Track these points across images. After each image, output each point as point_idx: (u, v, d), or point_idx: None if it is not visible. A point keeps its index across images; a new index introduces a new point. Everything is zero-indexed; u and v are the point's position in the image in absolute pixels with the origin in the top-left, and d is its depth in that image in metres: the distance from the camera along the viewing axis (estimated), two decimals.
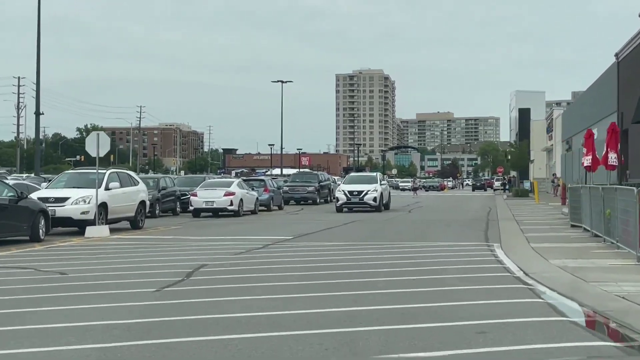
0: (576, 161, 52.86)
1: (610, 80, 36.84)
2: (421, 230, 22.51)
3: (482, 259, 13.92)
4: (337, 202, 36.05)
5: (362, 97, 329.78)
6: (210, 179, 39.91)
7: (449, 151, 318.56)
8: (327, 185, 49.72)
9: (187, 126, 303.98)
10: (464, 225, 24.65)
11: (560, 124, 65.49)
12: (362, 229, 23.75)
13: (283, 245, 17.71)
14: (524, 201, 49.52)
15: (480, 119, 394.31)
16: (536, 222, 25.49)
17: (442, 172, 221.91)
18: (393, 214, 32.90)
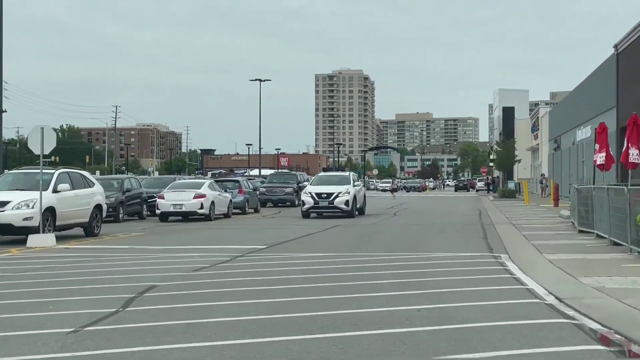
0: (565, 160, 50.78)
1: (607, 73, 34.61)
2: (413, 237, 19.97)
3: (496, 277, 11.38)
4: (303, 207, 31.19)
5: (342, 97, 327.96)
6: (181, 179, 37.21)
7: (428, 152, 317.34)
8: (306, 186, 47.17)
9: (165, 127, 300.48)
10: (459, 231, 22.16)
11: (547, 123, 63.39)
12: (346, 236, 21.20)
13: (254, 257, 15.10)
14: (512, 202, 47.25)
15: (459, 120, 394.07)
16: (536, 227, 23.08)
17: (423, 172, 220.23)
18: (378, 218, 30.36)
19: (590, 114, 39.93)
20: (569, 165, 49.00)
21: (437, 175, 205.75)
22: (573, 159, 46.84)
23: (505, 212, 33.88)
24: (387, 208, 40.69)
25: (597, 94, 37.49)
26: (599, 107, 37.04)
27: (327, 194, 30.63)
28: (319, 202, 30.62)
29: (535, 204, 43.00)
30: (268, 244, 17.99)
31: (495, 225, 24.62)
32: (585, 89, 41.81)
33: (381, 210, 38.24)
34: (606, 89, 34.93)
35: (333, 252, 15.66)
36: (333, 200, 30.51)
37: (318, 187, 31.69)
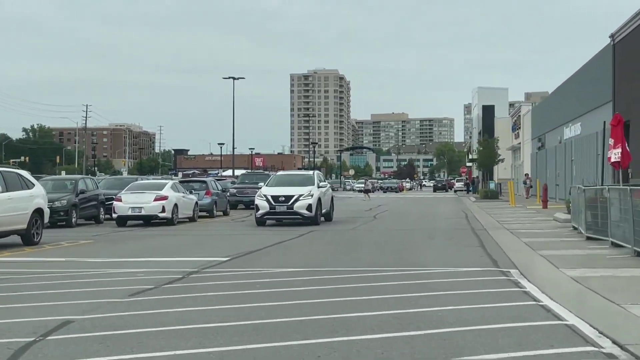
0: (551, 159, 48.58)
1: (602, 65, 32.34)
2: (400, 246, 17.34)
3: (519, 306, 8.80)
4: (256, 212, 26.20)
5: (317, 97, 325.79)
6: (144, 180, 34.41)
7: (404, 152, 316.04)
8: None
9: (139, 127, 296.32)
10: (451, 238, 19.61)
11: (529, 121, 61.21)
12: (323, 244, 18.54)
13: (210, 274, 12.44)
14: (496, 204, 44.92)
15: (434, 120, 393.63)
16: (535, 233, 20.64)
17: (399, 173, 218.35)
18: (357, 222, 27.75)
19: (581, 109, 37.69)
20: (555, 165, 46.81)
21: (414, 175, 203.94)
22: (560, 158, 44.64)
23: (492, 214, 31.51)
24: (365, 210, 38.17)
25: (590, 88, 35.23)
26: (591, 102, 34.79)
27: (285, 197, 25.81)
28: (275, 207, 25.74)
29: (521, 206, 40.71)
30: (231, 255, 15.34)
31: (489, 230, 22.15)
32: (575, 83, 39.59)
33: (359, 212, 35.71)
34: (601, 82, 32.66)
35: (306, 267, 13.03)
36: (293, 204, 25.66)
37: (275, 188, 26.81)
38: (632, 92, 27.95)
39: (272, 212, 25.89)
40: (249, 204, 41.36)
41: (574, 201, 21.64)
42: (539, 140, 53.71)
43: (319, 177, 28.62)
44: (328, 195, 28.62)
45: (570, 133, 41.41)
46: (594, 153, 34.73)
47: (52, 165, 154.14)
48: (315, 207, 25.82)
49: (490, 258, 14.31)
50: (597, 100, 33.79)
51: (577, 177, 38.71)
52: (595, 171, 34.35)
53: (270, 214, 25.98)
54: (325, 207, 27.53)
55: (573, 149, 40.43)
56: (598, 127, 33.99)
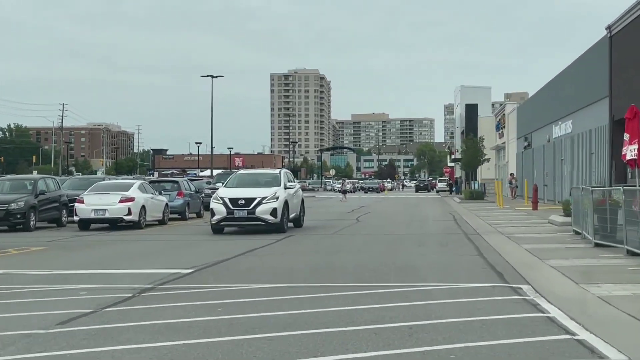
0: (538, 159, 46.98)
1: (598, 59, 30.66)
2: (388, 254, 15.36)
3: (547, 341, 6.89)
4: (212, 217, 22.43)
5: (298, 97, 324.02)
6: (112, 180, 32.28)
7: (385, 152, 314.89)
8: None
9: (117, 126, 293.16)
10: (444, 244, 17.69)
11: (514, 120, 59.64)
12: (301, 253, 16.55)
13: (168, 291, 10.46)
14: (483, 205, 43.17)
15: (415, 120, 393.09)
16: (534, 238, 18.82)
17: (380, 173, 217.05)
18: (339, 225, 25.82)
19: (573, 106, 36.02)
20: (542, 165, 45.19)
21: (395, 175, 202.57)
22: (548, 158, 43.01)
23: (482, 216, 29.73)
24: (347, 212, 36.27)
25: (583, 84, 33.55)
26: (585, 98, 33.11)
27: (246, 200, 21.91)
28: (234, 212, 21.84)
29: (509, 207, 38.99)
30: (196, 266, 13.36)
31: (483, 235, 20.31)
32: (566, 80, 37.94)
33: (341, 215, 33.80)
34: (596, 77, 30.98)
35: (278, 282, 11.09)
36: (254, 208, 21.78)
37: (235, 190, 22.86)
38: (630, 86, 26.26)
39: (230, 218, 22.08)
40: None
41: (575, 203, 19.86)
42: (525, 140, 52.11)
43: (286, 176, 24.50)
44: (297, 198, 24.77)
45: (560, 131, 39.78)
46: (586, 152, 33.10)
47: (28, 164, 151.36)
48: (281, 211, 22.08)
49: (494, 270, 12.43)
50: (590, 97, 32.12)
51: (568, 177, 37.11)
52: (589, 171, 32.74)
53: (228, 220, 22.18)
54: (293, 212, 23.78)
55: (563, 148, 38.80)
56: (591, 124, 32.40)
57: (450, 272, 12.20)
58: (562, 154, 39.00)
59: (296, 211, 24.26)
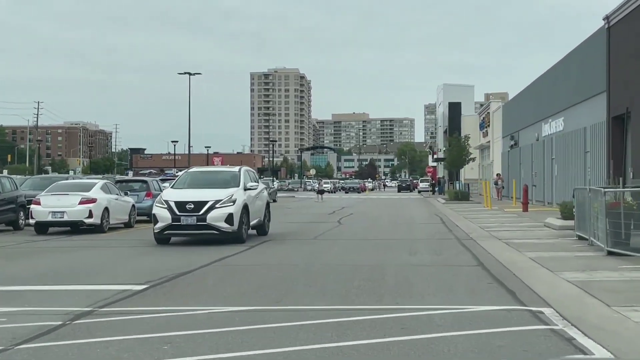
0: (526, 159, 45.27)
1: (594, 52, 28.92)
2: (377, 264, 13.36)
3: None
4: (154, 225, 18.49)
5: (278, 96, 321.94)
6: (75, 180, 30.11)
7: (365, 152, 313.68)
8: None
9: (95, 125, 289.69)
10: (437, 252, 15.74)
11: (499, 118, 58.03)
12: (274, 262, 14.62)
13: (110, 317, 8.45)
14: (470, 206, 41.44)
15: (395, 120, 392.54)
16: (535, 245, 17.00)
17: (361, 173, 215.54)
18: (323, 227, 23.87)
19: (565, 103, 34.30)
20: (531, 164, 43.51)
21: (376, 175, 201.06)
22: (538, 157, 41.32)
23: (471, 219, 27.94)
24: (328, 214, 34.34)
25: (578, 78, 31.81)
26: (580, 93, 31.38)
27: (195, 204, 18.03)
28: (180, 218, 17.95)
29: (497, 208, 37.27)
30: (152, 281, 11.37)
31: (477, 240, 18.46)
32: (558, 75, 36.21)
33: (322, 217, 31.87)
34: (591, 71, 29.24)
35: (248, 305, 9.09)
36: (205, 214, 17.92)
37: (183, 192, 18.90)
38: (632, 81, 24.54)
39: (176, 226, 18.10)
40: None
41: (579, 205, 18.05)
42: (512, 138, 50.45)
43: (247, 175, 20.40)
44: (261, 200, 20.85)
45: (550, 129, 38.08)
46: (580, 150, 31.40)
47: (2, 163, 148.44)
48: (238, 217, 18.16)
49: (503, 287, 10.52)
50: (585, 92, 30.39)
51: (560, 177, 35.44)
52: (583, 170, 31.05)
53: (173, 228, 18.17)
54: (256, 217, 19.93)
55: (554, 146, 37.11)
56: (586, 121, 30.68)
57: (452, 289, 10.30)
58: (553, 153, 37.31)
59: (259, 217, 20.42)
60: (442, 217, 30.31)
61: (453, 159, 51.03)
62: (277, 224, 26.29)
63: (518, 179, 45.56)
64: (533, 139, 42.60)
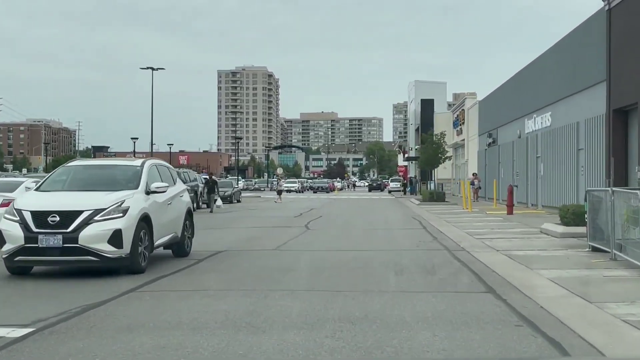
0: (506, 157, 42.45)
1: (592, 37, 26.06)
2: (356, 293, 9.92)
3: None
4: (2, 247, 12.06)
5: (246, 94, 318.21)
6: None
7: (334, 151, 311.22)
8: (190, 188, 36.97)
9: (58, 122, 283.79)
10: (430, 271, 12.37)
11: (475, 115, 55.29)
12: (226, 289, 11.20)
13: None
14: (447, 208, 38.55)
15: (363, 120, 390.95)
16: (545, 258, 13.99)
17: (329, 172, 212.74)
18: (288, 233, 20.59)
19: (553, 96, 31.46)
20: (512, 163, 40.73)
21: (344, 174, 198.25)
22: (520, 155, 38.51)
23: (454, 223, 24.97)
24: (295, 217, 31.16)
25: (571, 67, 28.92)
26: (572, 84, 28.51)
27: (61, 216, 11.85)
28: (38, 238, 11.70)
29: (478, 210, 34.42)
30: (44, 319, 8.08)
31: (471, 251, 15.35)
32: (546, 65, 33.35)
33: (287, 220, 28.67)
34: (588, 58, 26.36)
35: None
36: (77, 231, 11.75)
37: (49, 196, 12.83)
38: (636, 69, 21.67)
39: (31, 250, 11.75)
40: None
41: (593, 211, 15.05)
42: (490, 136, 47.67)
43: (152, 172, 14.14)
44: (177, 208, 14.83)
45: (534, 125, 35.27)
46: (572, 148, 28.58)
47: None
48: (132, 235, 12.12)
49: (544, 336, 7.29)
50: (580, 83, 27.54)
51: (547, 177, 32.63)
52: (575, 169, 28.22)
53: (27, 253, 11.81)
54: (167, 232, 14.05)
55: (539, 143, 34.29)
56: (579, 115, 27.83)
57: (467, 337, 7.14)
58: (538, 151, 34.49)
59: (174, 231, 14.44)
60: (421, 221, 27.26)
61: (428, 157, 47.97)
62: (234, 230, 23.03)
63: (497, 178, 42.80)
64: (514, 136, 39.82)
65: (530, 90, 36.25)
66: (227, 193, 48.30)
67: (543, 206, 33.06)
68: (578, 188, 27.60)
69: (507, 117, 42.21)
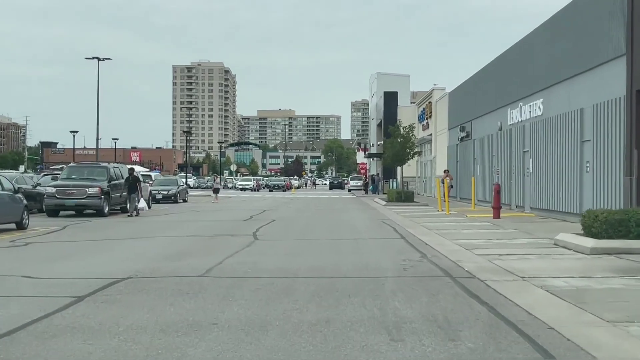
0: (483, 153, 38.01)
1: (603, 3, 21.49)
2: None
3: None
4: None
5: (201, 90, 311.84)
6: None
7: (291, 148, 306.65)
8: (124, 184, 31.66)
9: (7, 118, 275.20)
10: (439, 325, 7.39)
11: (445, 108, 50.82)
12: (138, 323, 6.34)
13: None
14: (421, 210, 33.91)
15: (321, 117, 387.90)
16: (610, 293, 9.29)
17: (286, 170, 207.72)
18: (229, 246, 15.51)
19: (548, 79, 26.91)
20: (490, 159, 36.25)
21: (302, 172, 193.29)
22: (501, 150, 33.99)
23: (436, 230, 20.26)
24: (243, 220, 26.18)
25: (572, 43, 24.33)
26: (575, 63, 23.88)
27: None
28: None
29: (456, 213, 29.81)
30: None
31: (491, 282, 10.53)
32: (537, 43, 28.76)
33: (234, 225, 23.68)
34: (599, 30, 21.76)
35: None
36: None
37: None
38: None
39: None
40: (76, 208, 29.01)
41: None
42: (462, 130, 43.19)
43: None
44: None
45: (520, 116, 30.75)
46: (573, 139, 24.03)
47: None
48: None
49: None
50: (587, 60, 22.95)
51: (537, 175, 28.10)
52: (580, 164, 23.67)
53: None
54: None
55: (526, 136, 29.76)
56: (584, 101, 23.21)
57: None
58: (525, 145, 29.95)
59: None
60: (395, 227, 22.45)
61: (395, 152, 42.99)
62: (161, 240, 17.95)
63: (470, 176, 38.33)
64: (493, 128, 35.31)
65: (515, 75, 31.72)
66: (170, 192, 43.11)
67: (532, 208, 28.55)
68: (582, 187, 23.08)
69: (484, 108, 37.75)
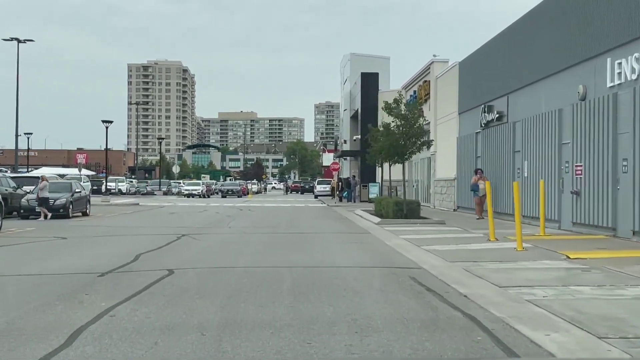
0: (539, 140, 24.96)
1: None
2: None
3: None
4: None
5: (158, 90, 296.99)
6: None
7: (252, 151, 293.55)
8: None
9: None
10: None
11: (452, 85, 37.61)
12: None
13: None
14: (454, 236, 20.53)
15: (284, 120, 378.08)
16: None
17: (245, 173, 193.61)
18: None
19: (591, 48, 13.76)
20: (555, 149, 23.11)
21: (262, 175, 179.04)
22: (583, 132, 20.82)
23: (544, 302, 6.81)
24: (152, 250, 12.44)
25: None
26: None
27: None
28: None
29: (532, 247, 16.38)
30: None
31: None
32: None
33: (123, 260, 9.92)
34: None
35: None
36: None
37: None
38: None
39: None
40: None
41: None
42: (489, 110, 29.97)
43: None
44: None
45: (630, 72, 17.62)
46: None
47: None
48: None
49: None
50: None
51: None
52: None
53: None
54: None
55: (626, 109, 16.59)
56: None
57: None
58: (622, 126, 16.74)
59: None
60: (448, 301, 8.92)
61: (392, 142, 28.52)
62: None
63: (510, 179, 25.30)
64: (563, 99, 22.11)
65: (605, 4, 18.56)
66: (58, 202, 29.03)
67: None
68: None
69: (540, 70, 24.53)
